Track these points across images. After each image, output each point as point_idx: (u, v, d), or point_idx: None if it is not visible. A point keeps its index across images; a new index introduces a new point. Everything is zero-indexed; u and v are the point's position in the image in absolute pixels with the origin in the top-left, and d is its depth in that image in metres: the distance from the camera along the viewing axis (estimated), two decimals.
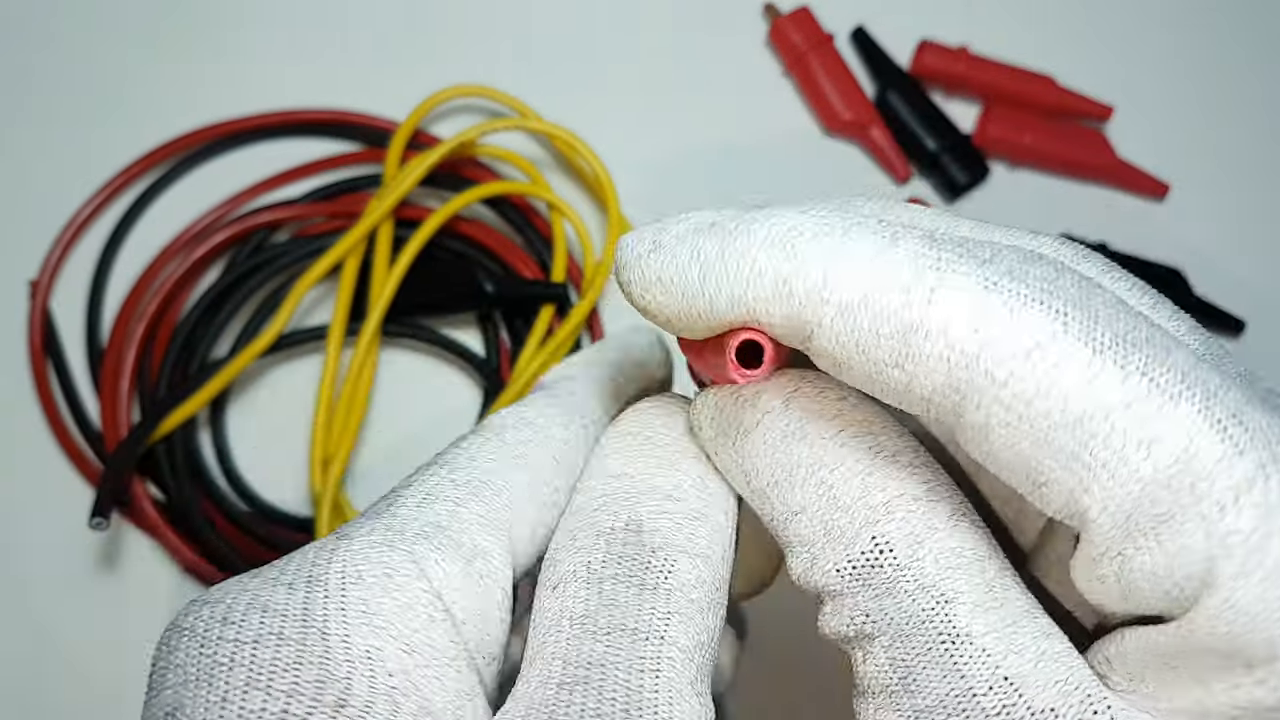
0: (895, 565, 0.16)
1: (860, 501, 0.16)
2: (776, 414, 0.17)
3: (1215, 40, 0.49)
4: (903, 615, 0.16)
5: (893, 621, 0.16)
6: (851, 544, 0.16)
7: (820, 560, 0.16)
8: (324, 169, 0.41)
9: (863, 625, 0.16)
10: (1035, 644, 0.15)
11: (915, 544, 0.16)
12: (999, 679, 0.15)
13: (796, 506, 0.17)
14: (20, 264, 0.39)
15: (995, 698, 0.15)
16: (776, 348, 0.16)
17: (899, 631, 0.16)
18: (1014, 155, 0.44)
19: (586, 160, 0.37)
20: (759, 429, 0.17)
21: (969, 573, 0.15)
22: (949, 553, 0.16)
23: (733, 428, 0.18)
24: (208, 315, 0.38)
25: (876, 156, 0.44)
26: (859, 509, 0.16)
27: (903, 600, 0.16)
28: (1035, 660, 0.15)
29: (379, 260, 0.37)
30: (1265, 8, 0.49)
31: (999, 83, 0.44)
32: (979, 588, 0.15)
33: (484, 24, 0.45)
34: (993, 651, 0.15)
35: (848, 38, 0.46)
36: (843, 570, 0.16)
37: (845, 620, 0.16)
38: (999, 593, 0.15)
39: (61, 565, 0.37)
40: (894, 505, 0.16)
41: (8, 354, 0.39)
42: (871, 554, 0.16)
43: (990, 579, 0.16)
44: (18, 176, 0.41)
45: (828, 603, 0.16)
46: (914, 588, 0.15)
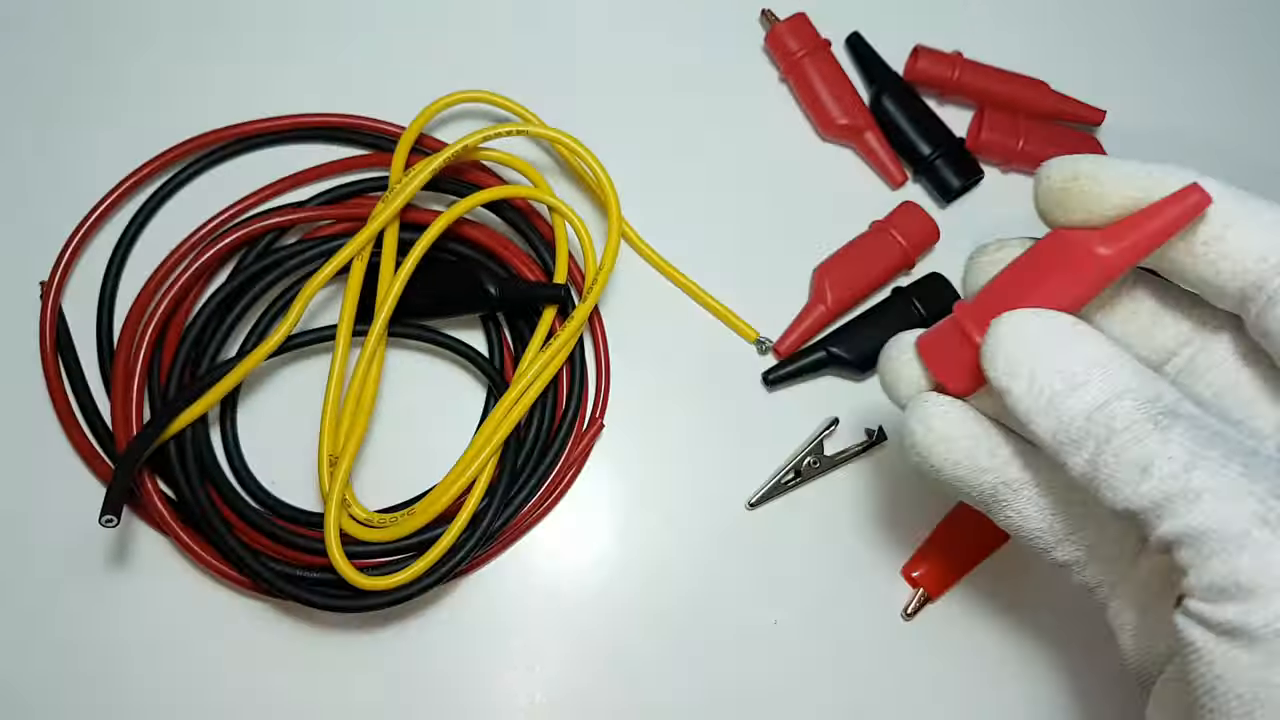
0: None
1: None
2: None
3: (1208, 45, 0.49)
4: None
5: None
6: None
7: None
8: (331, 173, 0.42)
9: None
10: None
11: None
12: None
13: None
14: (32, 265, 0.40)
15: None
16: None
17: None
18: (1007, 159, 0.45)
19: (588, 164, 0.38)
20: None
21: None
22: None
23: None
24: (217, 316, 0.38)
25: (871, 161, 0.45)
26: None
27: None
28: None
29: (385, 262, 0.38)
30: (1256, 12, 0.50)
31: (992, 87, 0.45)
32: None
33: (487, 31, 0.45)
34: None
35: (843, 43, 0.46)
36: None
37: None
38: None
39: (72, 562, 0.37)
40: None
41: (19, 354, 0.39)
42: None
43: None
44: (29, 177, 0.42)
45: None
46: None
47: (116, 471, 0.33)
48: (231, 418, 0.39)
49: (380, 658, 0.38)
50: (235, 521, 0.37)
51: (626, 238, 0.43)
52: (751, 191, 0.44)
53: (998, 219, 0.45)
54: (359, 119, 0.42)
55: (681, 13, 0.46)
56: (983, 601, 0.40)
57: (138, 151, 0.41)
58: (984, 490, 0.29)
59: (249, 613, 0.38)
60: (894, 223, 0.42)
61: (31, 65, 0.43)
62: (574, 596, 0.39)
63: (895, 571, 0.40)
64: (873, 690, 0.39)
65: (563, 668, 0.38)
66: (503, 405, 0.37)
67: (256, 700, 0.37)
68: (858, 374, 0.42)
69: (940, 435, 0.28)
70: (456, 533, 0.35)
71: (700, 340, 0.42)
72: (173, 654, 0.37)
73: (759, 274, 0.43)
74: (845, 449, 0.41)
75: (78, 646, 0.37)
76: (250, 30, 0.44)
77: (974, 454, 0.28)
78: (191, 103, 0.43)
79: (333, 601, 0.35)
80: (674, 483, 0.40)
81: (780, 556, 0.40)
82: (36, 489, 0.38)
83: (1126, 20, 0.49)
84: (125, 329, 0.38)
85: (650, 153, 0.44)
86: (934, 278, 0.42)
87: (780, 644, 0.39)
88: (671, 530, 0.40)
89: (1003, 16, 0.48)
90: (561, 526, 0.40)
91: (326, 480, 0.35)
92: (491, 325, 0.40)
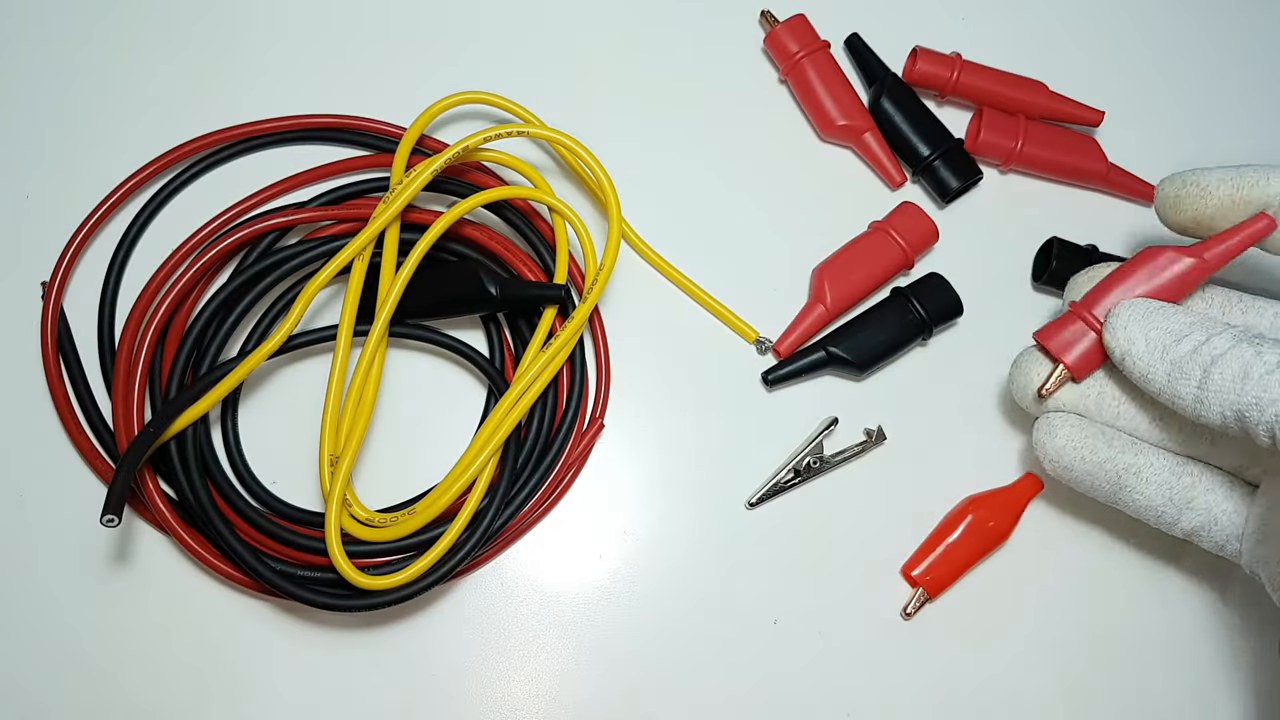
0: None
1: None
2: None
3: (1206, 46, 0.50)
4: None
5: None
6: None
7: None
8: (333, 174, 0.42)
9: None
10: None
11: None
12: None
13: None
14: (33, 265, 0.40)
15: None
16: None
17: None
18: (1006, 160, 0.45)
19: (588, 165, 0.38)
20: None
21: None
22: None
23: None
24: (218, 316, 0.38)
25: (870, 162, 0.45)
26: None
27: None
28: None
29: (386, 263, 0.38)
30: (1254, 13, 0.50)
31: (991, 88, 0.45)
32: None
33: (488, 33, 0.46)
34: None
35: (842, 44, 0.47)
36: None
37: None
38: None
39: (73, 562, 0.38)
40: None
41: (21, 354, 0.39)
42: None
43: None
44: (30, 178, 0.42)
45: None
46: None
47: (117, 471, 0.33)
48: (232, 418, 0.39)
49: (380, 658, 0.38)
50: (236, 521, 0.37)
51: (626, 238, 0.43)
52: (751, 191, 0.44)
53: (997, 219, 0.45)
54: (360, 120, 0.42)
55: (681, 14, 0.47)
56: (982, 601, 0.40)
57: (140, 152, 0.41)
58: (1110, 478, 0.36)
59: (249, 612, 0.38)
60: (893, 223, 0.42)
61: (33, 66, 0.43)
62: (574, 597, 0.39)
63: (895, 571, 0.40)
64: (872, 690, 0.39)
65: (562, 667, 0.38)
66: (503, 405, 0.37)
67: (257, 700, 0.37)
68: (857, 374, 0.42)
69: (1066, 437, 0.36)
70: (456, 533, 0.35)
71: (700, 340, 0.42)
72: (173, 653, 0.37)
73: (759, 274, 0.43)
74: (845, 449, 0.41)
75: (78, 646, 0.37)
76: (251, 31, 0.45)
77: (1095, 446, 0.36)
78: (193, 104, 0.43)
79: (333, 601, 0.35)
80: (674, 482, 0.40)
81: (780, 556, 0.40)
82: (37, 489, 0.38)
83: (1126, 21, 0.49)
84: (127, 329, 0.38)
85: (650, 153, 0.44)
86: (932, 278, 0.42)
87: (780, 644, 0.39)
88: (671, 530, 0.40)
89: (1002, 17, 0.48)
90: (561, 526, 0.40)
91: (327, 480, 0.35)
92: (492, 325, 0.40)
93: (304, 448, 0.38)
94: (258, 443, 0.39)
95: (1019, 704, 0.39)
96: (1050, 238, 0.44)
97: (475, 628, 0.38)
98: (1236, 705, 0.40)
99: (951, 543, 0.39)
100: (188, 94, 0.43)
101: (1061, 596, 0.41)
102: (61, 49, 0.44)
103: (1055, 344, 0.36)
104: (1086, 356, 0.36)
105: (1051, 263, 0.43)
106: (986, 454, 0.42)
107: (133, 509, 0.38)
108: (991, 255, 0.44)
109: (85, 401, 0.39)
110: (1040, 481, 0.41)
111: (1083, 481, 0.37)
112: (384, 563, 0.37)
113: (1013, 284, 0.44)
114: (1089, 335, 0.36)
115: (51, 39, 0.44)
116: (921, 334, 0.42)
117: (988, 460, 0.41)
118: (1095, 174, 0.45)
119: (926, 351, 0.43)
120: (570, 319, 0.38)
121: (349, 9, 0.45)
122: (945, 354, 0.42)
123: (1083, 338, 0.36)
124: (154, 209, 0.41)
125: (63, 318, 0.39)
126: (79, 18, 0.44)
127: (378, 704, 0.37)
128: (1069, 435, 0.36)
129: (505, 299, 0.38)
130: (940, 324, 0.42)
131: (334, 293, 0.41)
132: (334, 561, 0.34)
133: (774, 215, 0.44)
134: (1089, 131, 0.46)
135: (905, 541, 0.40)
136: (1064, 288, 0.44)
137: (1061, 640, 0.40)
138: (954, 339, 0.43)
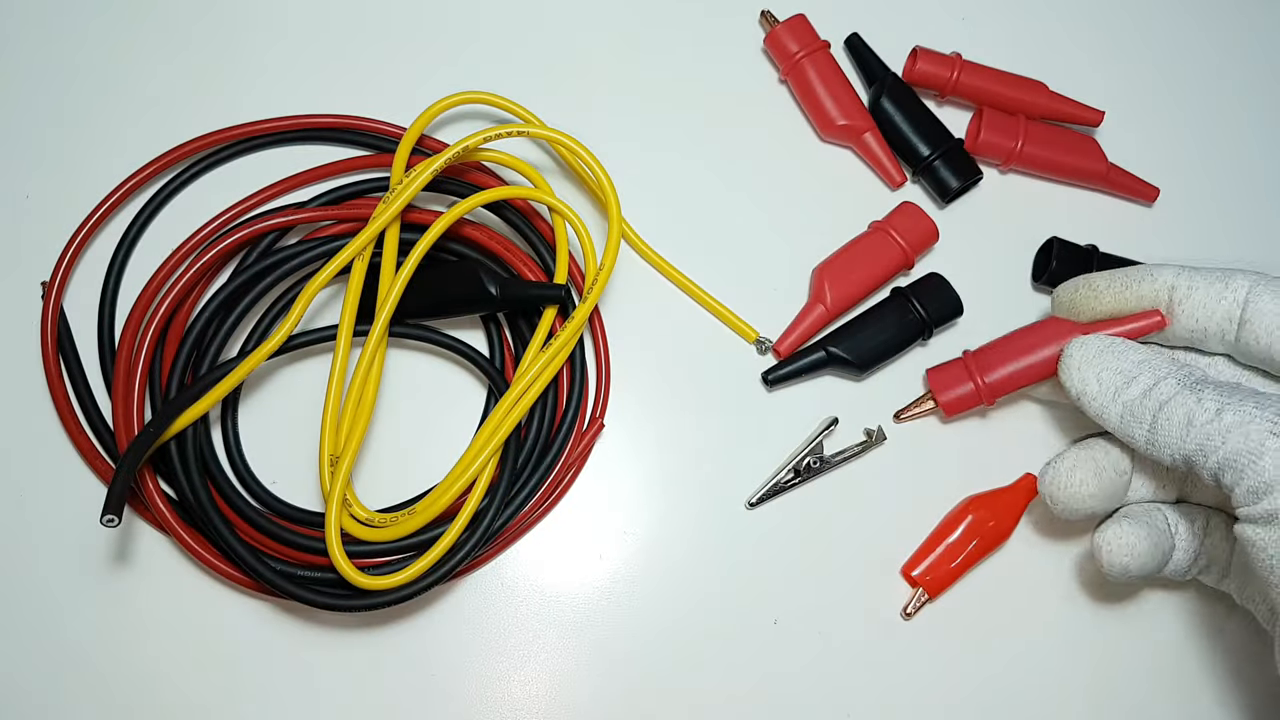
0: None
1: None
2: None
3: (1206, 46, 0.50)
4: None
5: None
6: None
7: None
8: (333, 174, 0.42)
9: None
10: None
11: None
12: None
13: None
14: (33, 265, 0.40)
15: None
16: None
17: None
18: (1006, 160, 0.45)
19: (588, 165, 0.38)
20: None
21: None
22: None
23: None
24: (218, 316, 0.38)
25: (870, 162, 0.45)
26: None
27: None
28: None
29: (386, 263, 0.38)
30: (1254, 13, 0.50)
31: (991, 88, 0.45)
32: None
33: (488, 33, 0.46)
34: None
35: (843, 44, 0.47)
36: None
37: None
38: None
39: (73, 562, 0.38)
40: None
41: (21, 354, 0.39)
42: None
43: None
44: (30, 178, 0.42)
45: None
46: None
47: (118, 471, 0.33)
48: (233, 417, 0.39)
49: (380, 658, 0.38)
50: (236, 521, 0.37)
51: (626, 238, 0.43)
52: (751, 191, 0.44)
53: (997, 219, 0.45)
54: (360, 120, 0.42)
55: (681, 14, 0.47)
56: (982, 601, 0.40)
57: (140, 152, 0.41)
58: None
59: (249, 612, 0.38)
60: (893, 223, 0.42)
61: (33, 66, 0.43)
62: (574, 597, 0.39)
63: (895, 571, 0.40)
64: (872, 690, 0.39)
65: (562, 667, 0.38)
66: (503, 405, 0.37)
67: (257, 700, 0.37)
68: (857, 374, 0.42)
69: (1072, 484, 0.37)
70: (456, 533, 0.35)
71: (700, 340, 0.42)
72: (173, 653, 0.37)
73: (759, 274, 0.43)
74: (845, 449, 0.41)
75: (78, 646, 0.37)
76: (251, 31, 0.45)
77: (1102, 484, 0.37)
78: (193, 104, 0.43)
79: (333, 601, 0.35)
80: (674, 482, 0.40)
81: (780, 556, 0.40)
82: (37, 489, 0.38)
83: (1126, 21, 0.49)
84: (127, 329, 0.38)
85: (650, 153, 0.44)
86: (933, 277, 0.42)
87: (780, 644, 0.39)
88: (671, 530, 0.40)
89: (1002, 17, 0.48)
90: (562, 526, 0.40)
91: (327, 480, 0.35)
92: (492, 325, 0.40)
93: (304, 448, 0.38)
94: (258, 443, 0.39)
95: (1018, 704, 0.39)
96: (1050, 238, 0.44)
97: (475, 628, 0.38)
98: (1236, 705, 0.40)
99: (951, 543, 0.39)
100: (188, 94, 0.43)
101: (1061, 597, 0.40)
102: (61, 49, 0.44)
103: (937, 381, 0.41)
104: (959, 400, 0.40)
105: (1051, 263, 0.43)
106: (986, 454, 0.42)
107: (133, 509, 0.38)
108: (991, 255, 0.44)
109: (85, 401, 0.39)
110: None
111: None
112: (384, 563, 0.37)
113: (1013, 284, 0.44)
114: (967, 385, 0.40)
115: (51, 39, 0.44)
116: (922, 334, 0.42)
117: (988, 460, 0.41)
118: (1095, 174, 0.45)
119: (927, 351, 0.43)
120: (570, 319, 0.38)
121: (349, 9, 0.45)
122: (946, 354, 0.42)
123: (960, 385, 0.40)
124: (154, 209, 0.41)
125: (63, 318, 0.39)
126: (79, 18, 0.44)
127: (378, 704, 0.37)
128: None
129: (505, 299, 0.38)
130: (940, 324, 0.42)
131: (334, 293, 0.41)
132: (334, 561, 0.34)
133: (774, 215, 0.44)
134: (1089, 131, 0.46)
135: (905, 541, 0.40)
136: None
137: (1061, 640, 0.40)
138: (954, 339, 0.43)
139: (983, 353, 0.40)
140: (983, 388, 0.40)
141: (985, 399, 0.40)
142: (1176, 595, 0.41)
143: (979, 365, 0.40)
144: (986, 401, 0.40)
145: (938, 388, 0.40)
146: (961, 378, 0.40)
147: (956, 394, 0.40)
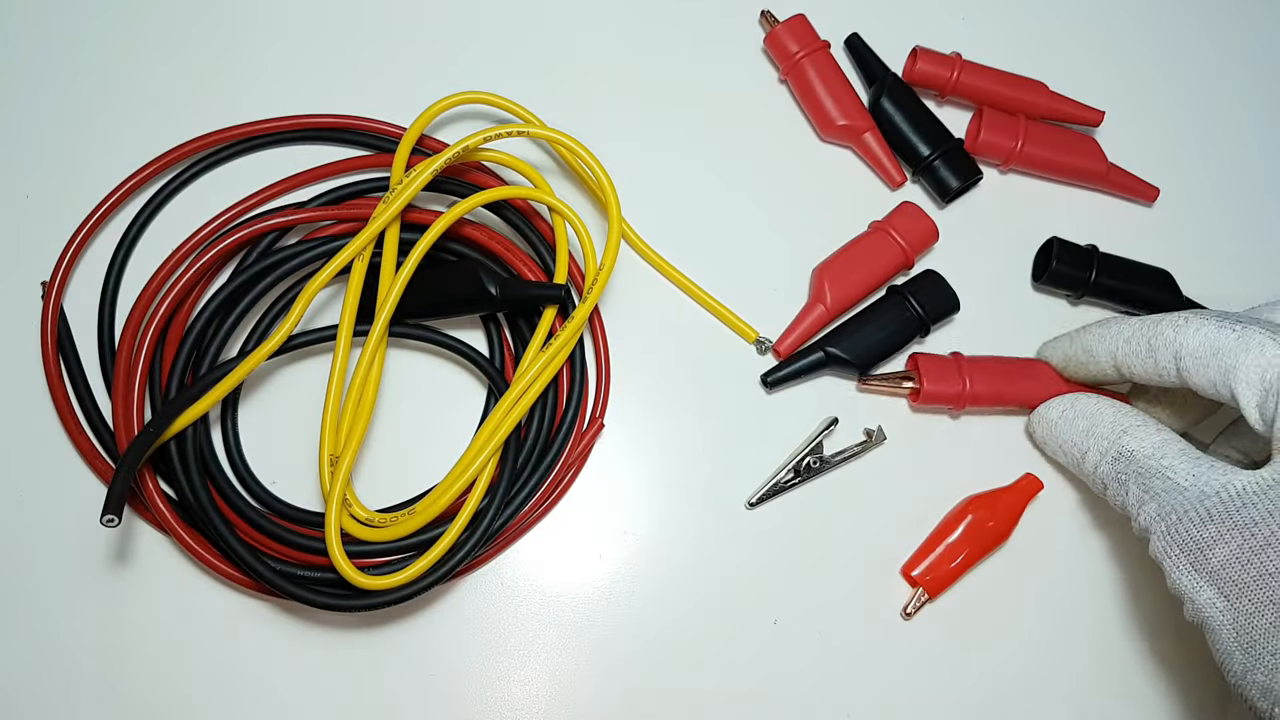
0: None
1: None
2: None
3: (1206, 46, 0.50)
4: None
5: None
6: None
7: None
8: (333, 174, 0.42)
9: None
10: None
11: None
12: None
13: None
14: (33, 265, 0.40)
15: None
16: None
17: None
18: (1006, 160, 0.45)
19: (588, 165, 0.38)
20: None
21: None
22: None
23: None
24: (218, 316, 0.38)
25: (870, 162, 0.45)
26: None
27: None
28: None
29: (386, 263, 0.38)
30: (1254, 13, 0.50)
31: (991, 88, 0.45)
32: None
33: (488, 33, 0.46)
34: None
35: (843, 44, 0.47)
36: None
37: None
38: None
39: (73, 562, 0.38)
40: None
41: (21, 354, 0.39)
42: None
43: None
44: (30, 178, 0.42)
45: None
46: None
47: (117, 471, 0.33)
48: (232, 417, 0.39)
49: (380, 658, 0.38)
50: (236, 521, 0.37)
51: (626, 238, 0.43)
52: (751, 191, 0.44)
53: (997, 219, 0.45)
54: (360, 120, 0.42)
55: (681, 14, 0.47)
56: (982, 601, 0.40)
57: (140, 152, 0.41)
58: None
59: (249, 612, 0.38)
60: (893, 223, 0.42)
61: (33, 66, 0.43)
62: (574, 597, 0.39)
63: (895, 571, 0.40)
64: (872, 690, 0.39)
65: (562, 667, 0.38)
66: (503, 405, 0.37)
67: (256, 699, 0.37)
68: (856, 374, 0.42)
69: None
70: (456, 533, 0.35)
71: (700, 340, 0.42)
72: (173, 653, 0.37)
73: (759, 274, 0.43)
74: (844, 449, 0.41)
75: (78, 646, 0.37)
76: (251, 31, 0.45)
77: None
78: (193, 104, 0.43)
79: (333, 601, 0.35)
80: (674, 482, 0.40)
81: (780, 556, 0.40)
82: (37, 489, 0.38)
83: (1126, 21, 0.49)
84: (127, 329, 0.38)
85: (650, 153, 0.44)
86: (928, 274, 0.42)
87: (780, 644, 0.39)
88: (671, 530, 0.40)
89: (1002, 17, 0.48)
90: (561, 526, 0.40)
91: (327, 480, 0.35)
92: (492, 325, 0.40)
93: (304, 448, 0.38)
94: (258, 443, 0.39)
95: (1018, 704, 0.39)
96: (1050, 238, 0.44)
97: (475, 628, 0.38)
98: (1236, 705, 0.40)
99: (951, 543, 0.39)
100: (188, 94, 0.43)
101: (1061, 596, 0.41)
102: (61, 49, 0.44)
103: (927, 368, 0.41)
104: (940, 394, 0.41)
105: (1051, 263, 0.43)
106: (986, 454, 0.42)
107: (133, 509, 0.38)
108: (991, 255, 0.44)
109: (85, 401, 0.39)
110: (1040, 481, 0.41)
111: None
112: (384, 563, 0.37)
113: (1013, 284, 0.44)
114: (955, 383, 0.41)
115: (51, 39, 0.44)
116: (919, 331, 0.42)
117: (988, 460, 0.41)
118: (1095, 174, 0.45)
119: (923, 348, 0.43)
120: (570, 319, 0.38)
121: (349, 9, 0.45)
122: (939, 351, 0.42)
123: (947, 380, 0.41)
124: (154, 209, 0.41)
125: (63, 318, 0.39)
126: (79, 18, 0.44)
127: (378, 704, 0.37)
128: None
129: (505, 299, 0.38)
130: (938, 320, 0.42)
131: (334, 293, 0.41)
132: (334, 561, 0.34)
133: (774, 215, 0.44)
134: (1089, 131, 0.46)
135: (905, 541, 0.40)
136: (1064, 288, 0.44)
137: (1061, 640, 0.40)
138: (954, 340, 0.43)
139: (975, 363, 0.41)
140: (965, 392, 0.40)
141: (962, 403, 0.40)
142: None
143: (970, 371, 0.40)
144: (958, 406, 0.41)
145: (928, 374, 0.40)
146: (950, 374, 0.40)
147: (941, 388, 0.40)
